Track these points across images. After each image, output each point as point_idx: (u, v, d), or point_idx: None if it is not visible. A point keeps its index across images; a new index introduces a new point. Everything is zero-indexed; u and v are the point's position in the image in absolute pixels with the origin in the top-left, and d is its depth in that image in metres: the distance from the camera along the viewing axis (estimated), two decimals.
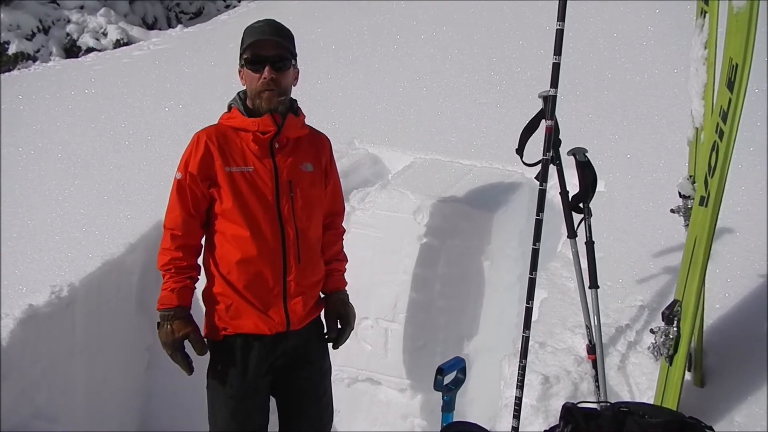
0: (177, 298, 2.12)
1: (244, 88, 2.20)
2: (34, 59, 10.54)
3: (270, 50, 2.09)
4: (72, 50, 10.75)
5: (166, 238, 2.15)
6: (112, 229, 3.30)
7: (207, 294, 2.22)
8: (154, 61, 5.65)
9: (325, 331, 2.41)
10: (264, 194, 2.14)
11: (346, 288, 2.48)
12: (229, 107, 2.21)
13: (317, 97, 4.65)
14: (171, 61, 5.59)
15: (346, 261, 2.49)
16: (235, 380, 2.20)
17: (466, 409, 2.86)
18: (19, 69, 8.59)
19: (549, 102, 1.65)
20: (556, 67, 1.56)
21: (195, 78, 5.22)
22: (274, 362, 2.25)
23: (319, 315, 2.38)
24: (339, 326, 2.42)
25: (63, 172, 3.94)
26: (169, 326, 2.12)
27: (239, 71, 2.17)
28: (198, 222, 2.17)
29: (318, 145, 2.31)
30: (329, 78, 4.93)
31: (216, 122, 2.22)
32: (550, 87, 1.63)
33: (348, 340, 2.45)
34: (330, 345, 2.45)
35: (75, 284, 2.87)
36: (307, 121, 2.31)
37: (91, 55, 7.25)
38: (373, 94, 4.49)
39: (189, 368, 2.19)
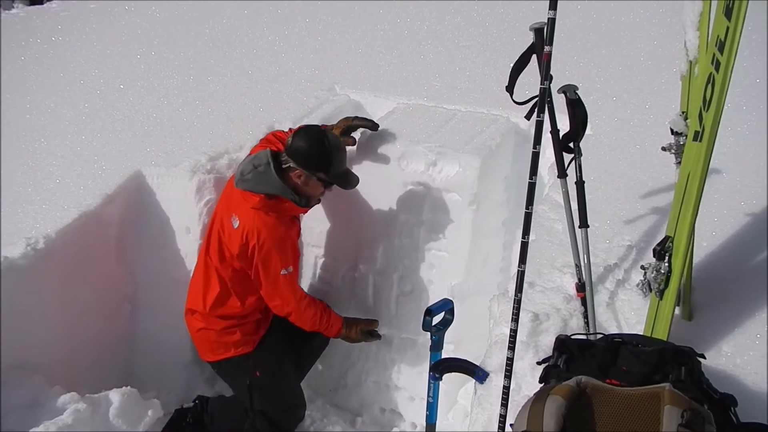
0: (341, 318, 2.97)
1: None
2: None
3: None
4: None
5: (315, 309, 2.84)
6: (87, 180, 3.21)
7: (245, 323, 2.86)
8: (124, 6, 5.40)
9: None
10: None
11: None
12: (278, 197, 2.68)
13: (296, 41, 4.51)
14: (141, 6, 5.35)
15: None
16: (280, 346, 2.96)
17: (454, 348, 2.89)
18: None
19: (548, 26, 1.57)
20: None
21: (166, 23, 5.02)
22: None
23: None
24: None
25: (32, 123, 3.81)
26: (357, 328, 2.98)
27: (300, 174, 2.66)
28: None
29: None
30: (307, 22, 4.77)
31: (268, 210, 2.66)
32: (549, 9, 1.54)
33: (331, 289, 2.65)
34: None
35: (51, 236, 2.81)
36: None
37: (57, 0, 6.90)
38: (353, 38, 4.35)
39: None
